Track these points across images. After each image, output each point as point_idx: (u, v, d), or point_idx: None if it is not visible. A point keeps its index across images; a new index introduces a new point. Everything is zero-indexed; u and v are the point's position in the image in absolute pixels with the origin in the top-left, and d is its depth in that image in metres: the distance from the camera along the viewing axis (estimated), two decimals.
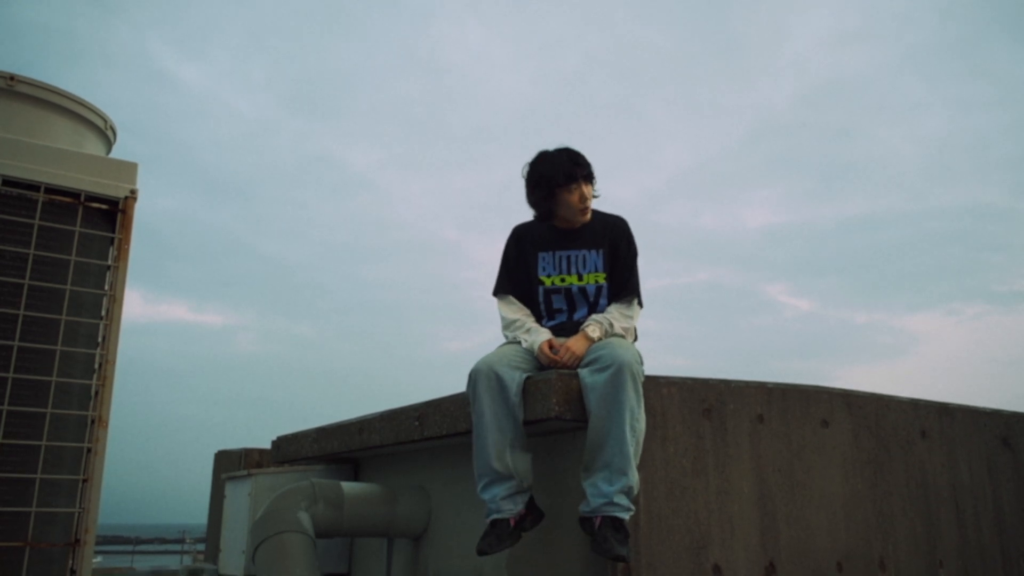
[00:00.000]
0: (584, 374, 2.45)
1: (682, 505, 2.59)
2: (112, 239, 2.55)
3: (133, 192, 2.56)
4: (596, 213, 2.86)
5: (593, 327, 2.62)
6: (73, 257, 2.44)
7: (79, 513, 2.37)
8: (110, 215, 2.55)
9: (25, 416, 2.30)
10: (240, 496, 3.77)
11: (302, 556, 2.88)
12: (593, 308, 2.77)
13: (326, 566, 3.60)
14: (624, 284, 2.78)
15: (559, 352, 2.57)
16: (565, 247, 2.82)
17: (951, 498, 3.39)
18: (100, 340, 2.50)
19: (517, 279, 2.86)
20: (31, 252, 2.36)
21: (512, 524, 2.46)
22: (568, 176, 2.72)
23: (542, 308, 2.83)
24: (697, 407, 2.72)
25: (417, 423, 3.05)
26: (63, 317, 2.39)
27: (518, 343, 2.69)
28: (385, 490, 3.32)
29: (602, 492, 2.32)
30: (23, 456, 2.29)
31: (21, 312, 2.32)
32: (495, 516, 2.47)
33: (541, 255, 2.83)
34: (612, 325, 2.64)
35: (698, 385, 2.75)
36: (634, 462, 2.35)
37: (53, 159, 2.44)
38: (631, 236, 2.84)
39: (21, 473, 2.28)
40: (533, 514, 2.55)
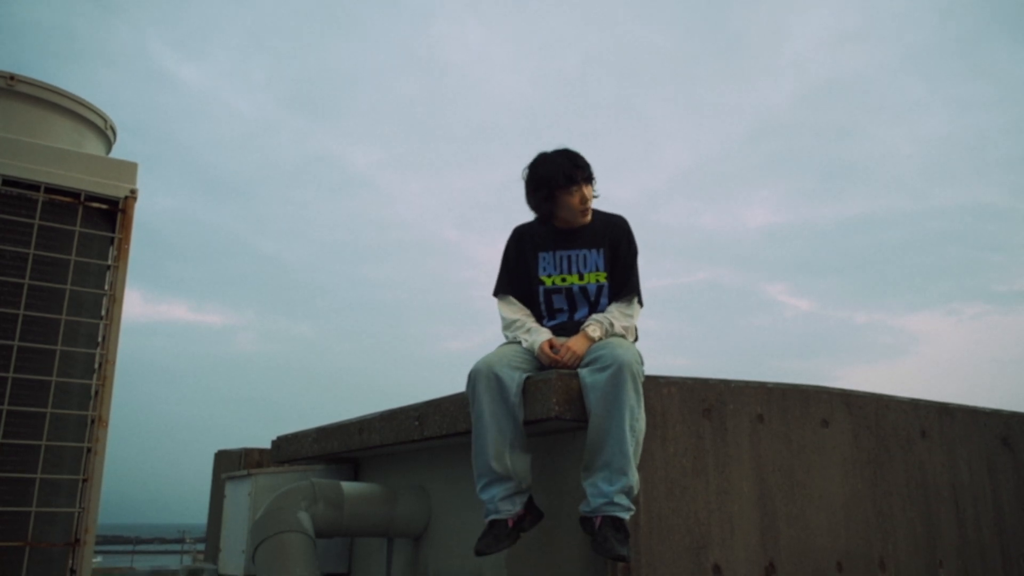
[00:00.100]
0: (584, 374, 2.45)
1: (682, 505, 2.59)
2: (112, 239, 2.55)
3: (133, 192, 2.56)
4: (597, 213, 2.86)
5: (594, 327, 2.62)
6: (73, 257, 2.43)
7: (79, 513, 2.37)
8: (110, 215, 2.55)
9: (25, 416, 2.30)
10: (240, 496, 3.77)
11: (302, 556, 2.88)
12: (594, 308, 2.76)
13: (326, 566, 3.59)
14: (624, 283, 2.77)
15: (559, 352, 2.57)
16: (566, 247, 2.82)
17: (951, 498, 3.39)
18: (100, 340, 2.49)
19: (517, 279, 2.86)
20: (31, 252, 2.36)
21: (510, 525, 2.47)
22: (568, 178, 2.72)
23: (543, 308, 2.82)
24: (697, 407, 2.72)
25: (417, 423, 3.05)
26: (63, 317, 2.39)
27: (518, 343, 2.69)
28: (385, 490, 3.32)
29: (602, 492, 2.32)
30: (23, 456, 2.29)
31: (21, 312, 2.32)
32: (493, 517, 2.47)
33: (542, 255, 2.83)
34: (612, 325, 2.63)
35: (698, 385, 2.75)
36: (634, 462, 2.35)
37: (53, 159, 2.44)
38: (631, 235, 2.84)
39: (21, 473, 2.28)
40: (532, 514, 2.55)
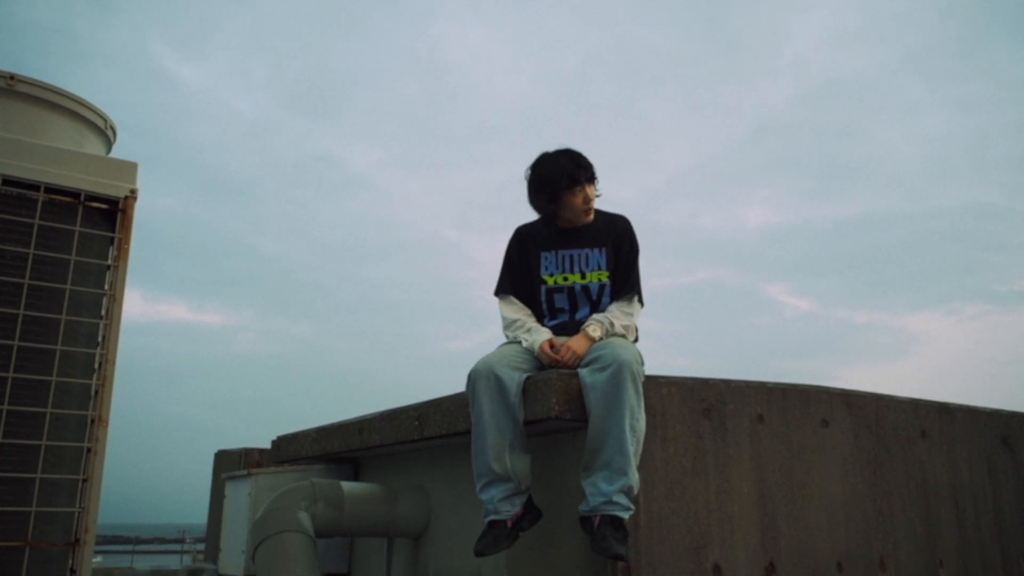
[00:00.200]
0: (584, 374, 2.45)
1: (682, 505, 2.59)
2: (112, 239, 2.55)
3: (133, 192, 2.56)
4: (599, 212, 2.87)
5: (594, 327, 2.62)
6: (73, 257, 2.43)
7: (79, 513, 2.37)
8: (110, 215, 2.55)
9: (25, 416, 2.29)
10: (240, 496, 3.77)
11: (302, 556, 2.88)
12: (596, 307, 2.76)
13: (326, 566, 3.59)
14: (625, 282, 2.78)
15: (560, 351, 2.57)
16: (568, 246, 2.82)
17: (951, 498, 3.39)
18: (100, 340, 2.49)
19: (519, 279, 2.86)
20: (31, 252, 2.36)
21: (509, 525, 2.47)
22: (571, 179, 2.73)
23: (544, 308, 2.82)
24: (697, 407, 2.72)
25: (417, 423, 3.05)
26: (63, 317, 2.39)
27: (518, 343, 2.69)
28: (385, 490, 3.32)
29: (602, 491, 2.32)
30: (23, 456, 2.29)
31: (21, 312, 2.32)
32: (492, 517, 2.47)
33: (544, 255, 2.83)
34: (613, 324, 2.63)
35: (698, 385, 2.75)
36: (634, 462, 2.35)
37: (53, 159, 2.44)
38: (633, 234, 2.85)
39: (21, 473, 2.28)
40: (531, 514, 2.55)
